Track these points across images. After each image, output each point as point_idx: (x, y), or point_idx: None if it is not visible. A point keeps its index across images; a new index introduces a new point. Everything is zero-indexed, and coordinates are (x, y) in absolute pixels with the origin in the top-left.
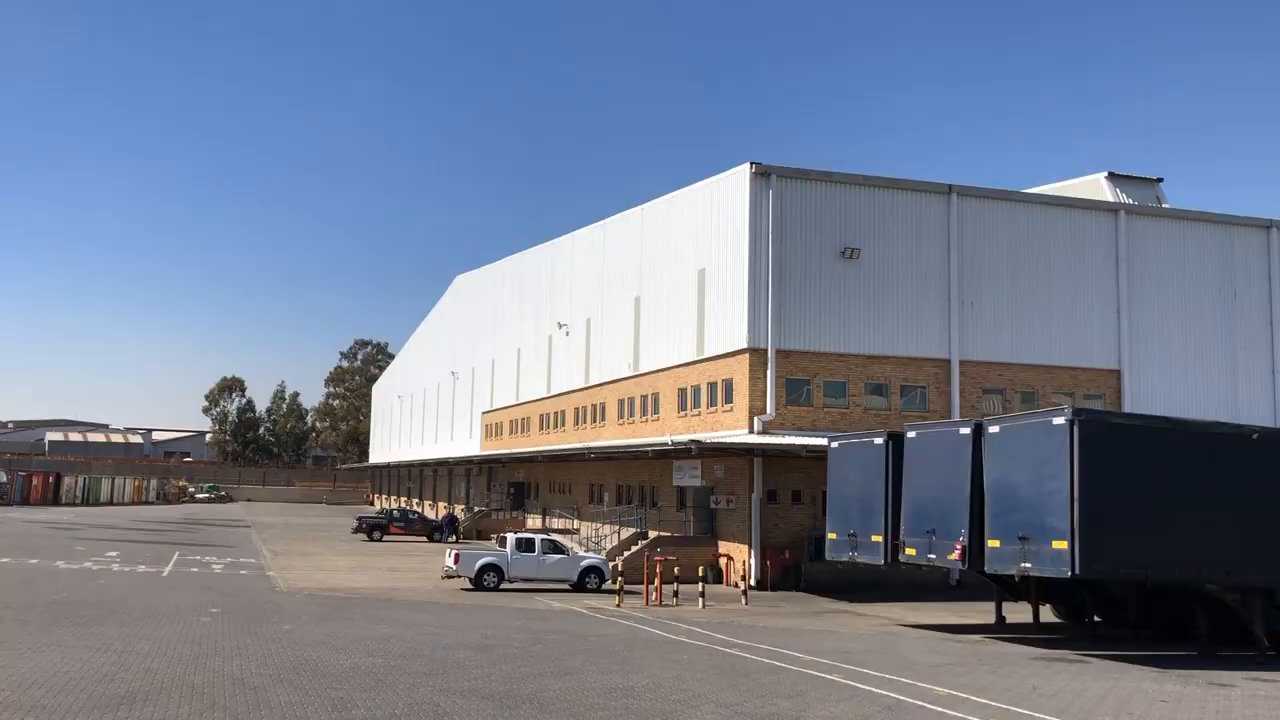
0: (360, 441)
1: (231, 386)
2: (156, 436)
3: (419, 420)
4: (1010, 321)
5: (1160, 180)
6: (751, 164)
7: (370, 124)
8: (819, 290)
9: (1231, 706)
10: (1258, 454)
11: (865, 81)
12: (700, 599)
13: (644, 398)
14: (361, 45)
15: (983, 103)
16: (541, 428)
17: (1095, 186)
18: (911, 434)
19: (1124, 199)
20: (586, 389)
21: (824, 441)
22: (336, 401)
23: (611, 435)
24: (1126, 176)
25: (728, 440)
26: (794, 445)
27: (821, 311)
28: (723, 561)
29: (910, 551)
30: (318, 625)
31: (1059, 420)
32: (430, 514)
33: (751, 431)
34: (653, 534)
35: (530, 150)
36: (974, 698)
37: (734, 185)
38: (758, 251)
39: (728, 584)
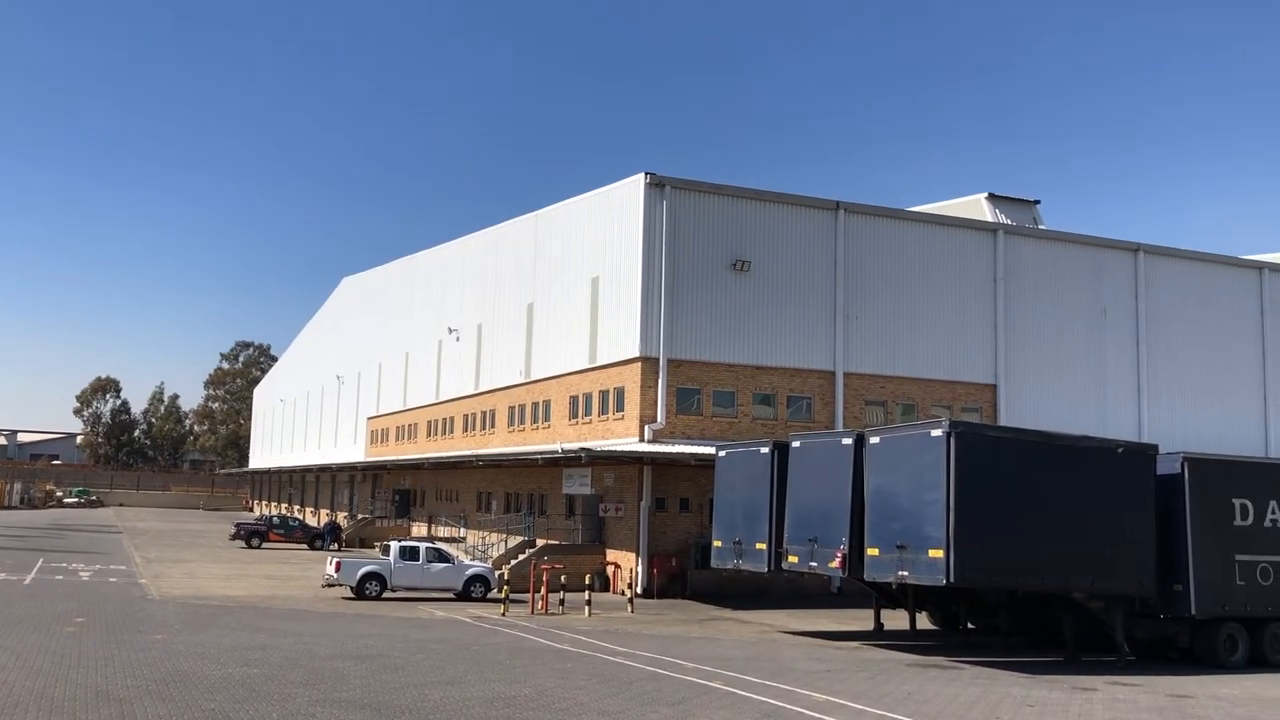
0: (240, 446)
1: (105, 387)
2: (22, 438)
3: (302, 425)
4: (893, 335)
5: (1037, 202)
6: (646, 174)
7: (255, 121)
8: (710, 301)
9: (1093, 710)
10: (1122, 467)
11: (760, 96)
12: (586, 607)
13: (535, 405)
14: (248, 40)
15: (871, 121)
16: (429, 434)
17: (976, 207)
18: (796, 444)
19: (1003, 219)
20: (476, 395)
21: (712, 450)
22: (216, 404)
23: (501, 442)
24: (1006, 198)
25: (618, 449)
26: (683, 454)
27: (713, 322)
28: (610, 569)
29: (793, 559)
30: (191, 634)
31: (936, 432)
32: (312, 521)
33: (642, 440)
34: (541, 542)
35: (421, 153)
36: (851, 704)
37: (628, 194)
38: (651, 261)
39: (615, 592)
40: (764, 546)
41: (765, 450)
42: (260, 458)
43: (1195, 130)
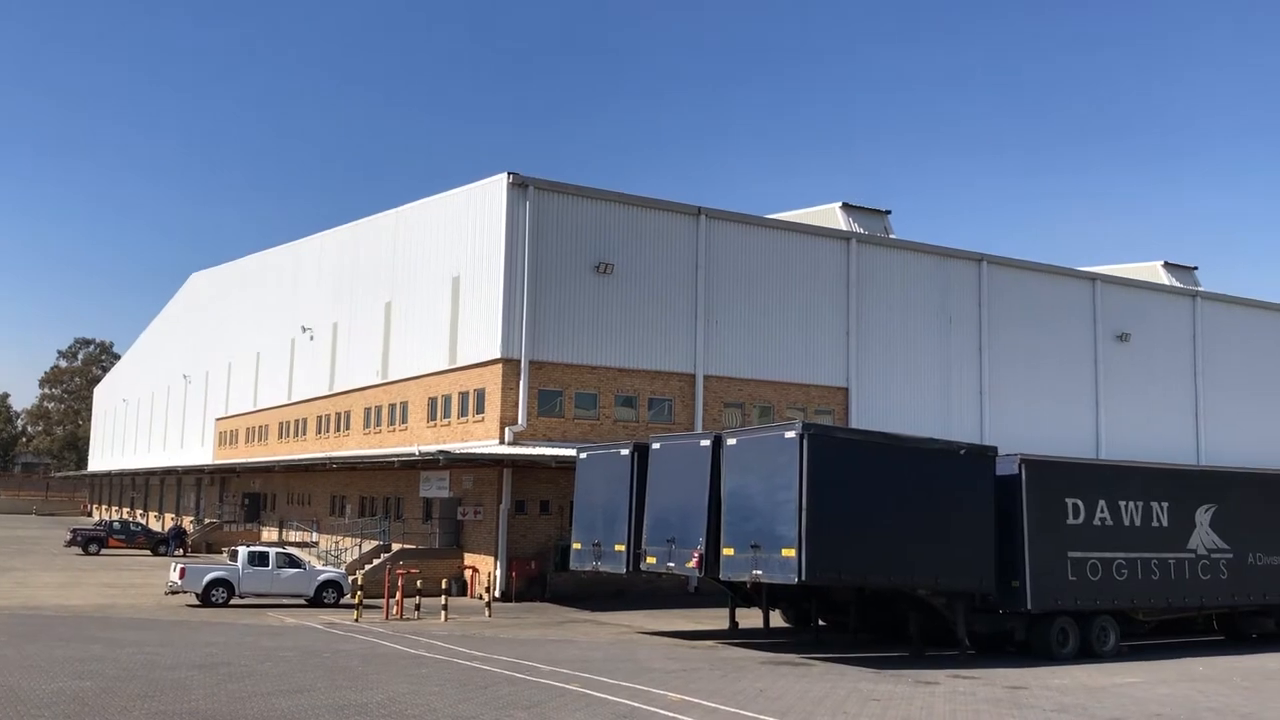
0: (79, 448)
1: None
2: None
3: (146, 426)
4: (751, 339)
5: (889, 212)
6: (509, 174)
7: (102, 109)
8: (573, 303)
9: (935, 703)
10: (964, 468)
11: (623, 101)
12: (443, 612)
13: (392, 406)
14: (98, 23)
15: (733, 129)
16: (281, 436)
17: (830, 215)
18: (656, 445)
19: (856, 228)
20: (331, 396)
21: (573, 452)
22: (52, 404)
23: (356, 445)
24: (859, 207)
25: (478, 451)
26: (544, 456)
27: (575, 324)
28: (468, 573)
29: (651, 560)
30: (19, 647)
31: (790, 434)
32: (156, 526)
33: (502, 442)
34: (397, 546)
35: (277, 146)
36: (704, 702)
37: (491, 194)
38: (513, 262)
39: (472, 596)
40: (623, 548)
41: (625, 452)
42: (101, 460)
43: (1037, 144)
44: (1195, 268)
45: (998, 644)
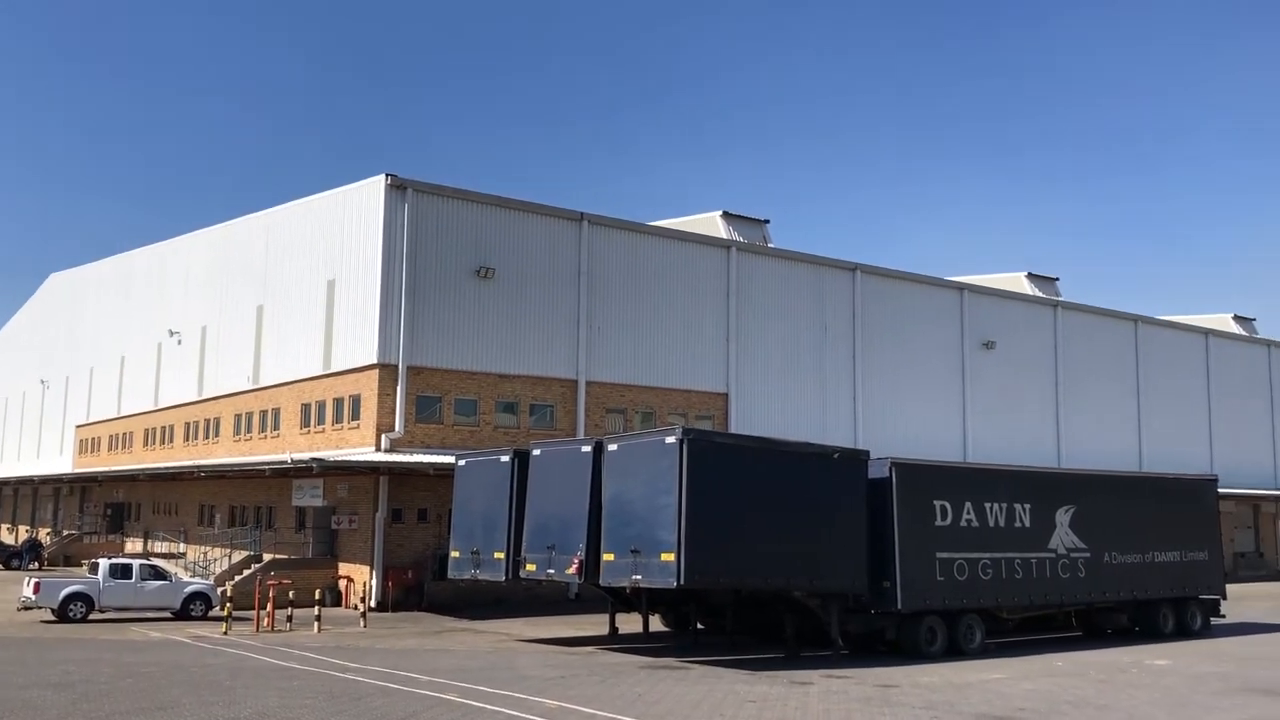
0: None
1: None
2: None
3: None
4: (634, 345)
5: (767, 221)
6: (387, 175)
7: None
8: (453, 307)
9: (809, 703)
10: (838, 472)
11: (507, 104)
12: (316, 623)
13: (264, 413)
14: None
15: (615, 135)
16: (146, 444)
17: (711, 224)
18: (536, 452)
19: (736, 237)
20: (200, 402)
21: (452, 459)
22: None
23: (226, 452)
24: (739, 216)
25: (353, 459)
26: (422, 463)
27: (455, 329)
28: (343, 583)
29: (531, 567)
30: None
31: (670, 439)
32: (9, 539)
33: (379, 449)
34: (268, 557)
35: (141, 143)
36: (583, 708)
37: (368, 196)
38: (391, 265)
39: (347, 606)
40: (502, 556)
41: (505, 459)
42: None
43: (909, 155)
44: (1056, 278)
45: (870, 643)
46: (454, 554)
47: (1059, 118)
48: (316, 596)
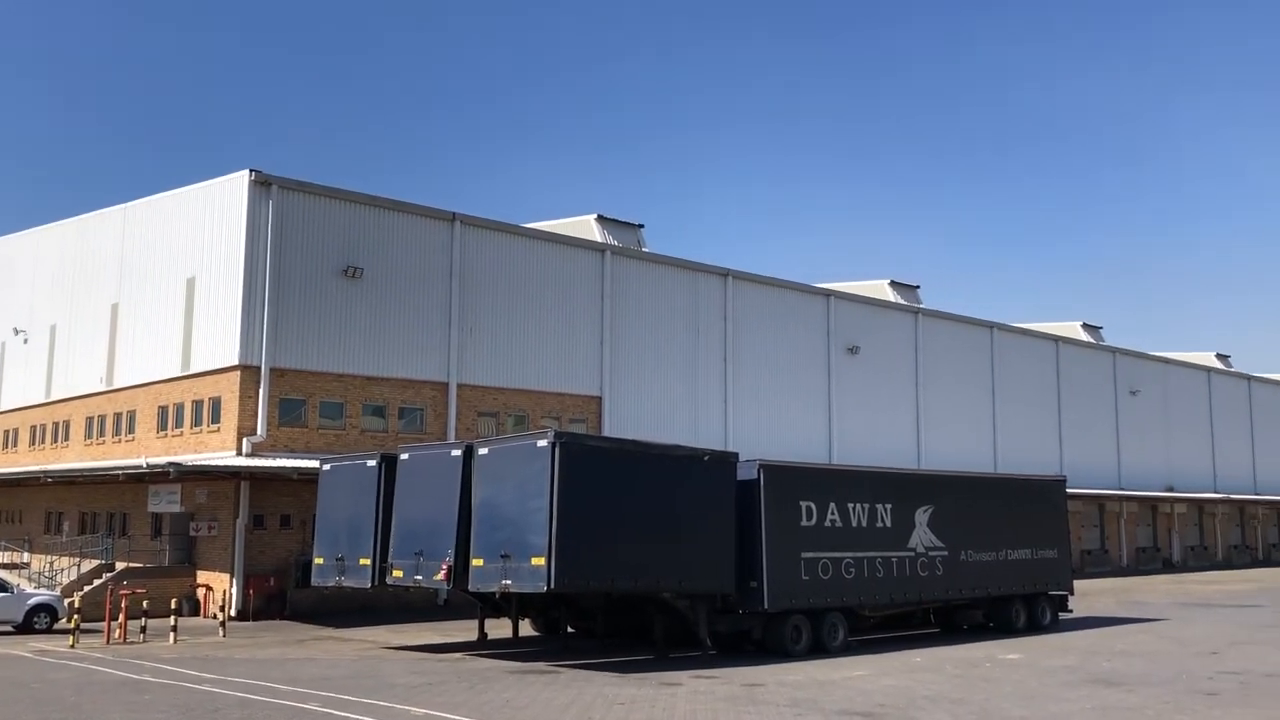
0: None
1: None
2: None
3: None
4: (507, 348)
5: (642, 226)
6: (251, 171)
7: None
8: (320, 308)
9: (676, 704)
10: (708, 473)
11: (379, 102)
12: (172, 634)
13: (118, 415)
14: None
15: (490, 137)
16: None
17: (586, 227)
18: (404, 456)
19: (611, 240)
20: (48, 404)
21: (317, 464)
22: None
23: (77, 456)
24: (613, 220)
25: (213, 463)
26: (285, 468)
27: (321, 330)
28: (201, 592)
29: (398, 573)
30: None
31: (542, 443)
32: None
33: (240, 453)
34: (121, 565)
35: None
36: (450, 715)
37: (231, 192)
38: (254, 264)
39: (206, 616)
40: (368, 562)
41: (372, 463)
42: None
43: (777, 165)
44: (918, 286)
45: (737, 643)
46: (318, 561)
47: (922, 125)
48: (173, 606)
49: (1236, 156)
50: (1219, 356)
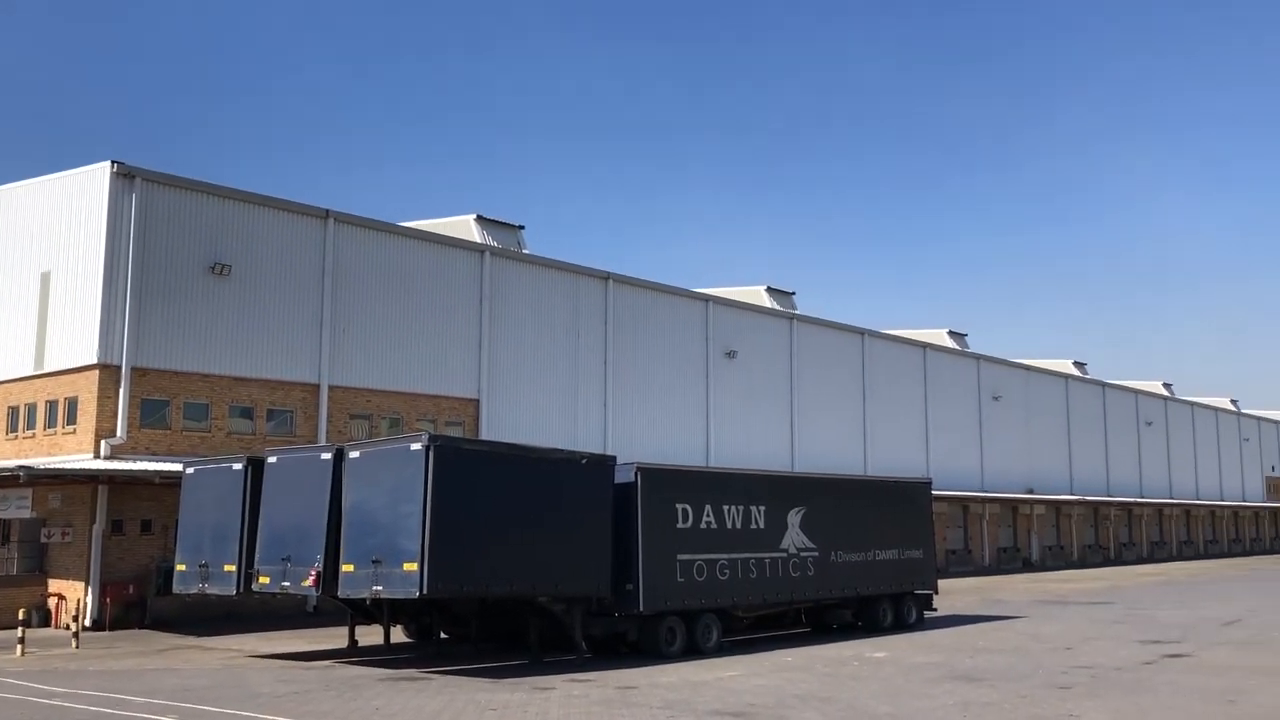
0: None
1: None
2: None
3: None
4: (381, 349)
5: (522, 227)
6: (113, 163)
7: None
8: (185, 306)
9: (549, 708)
10: (585, 477)
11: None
12: (20, 645)
13: None
14: None
15: (365, 133)
16: None
17: (465, 227)
18: (272, 459)
19: (490, 241)
20: None
21: (180, 467)
22: None
23: None
24: (493, 221)
25: (67, 466)
26: (146, 471)
27: (186, 328)
28: (53, 601)
29: (264, 580)
30: None
31: (416, 446)
32: None
33: (98, 456)
34: None
35: None
36: None
37: (91, 183)
38: (115, 259)
39: (58, 626)
40: (233, 568)
41: (238, 466)
42: None
43: (660, 165)
44: (793, 292)
45: (613, 645)
46: (180, 567)
47: (798, 134)
48: (21, 617)
49: (1097, 169)
50: (1076, 364)
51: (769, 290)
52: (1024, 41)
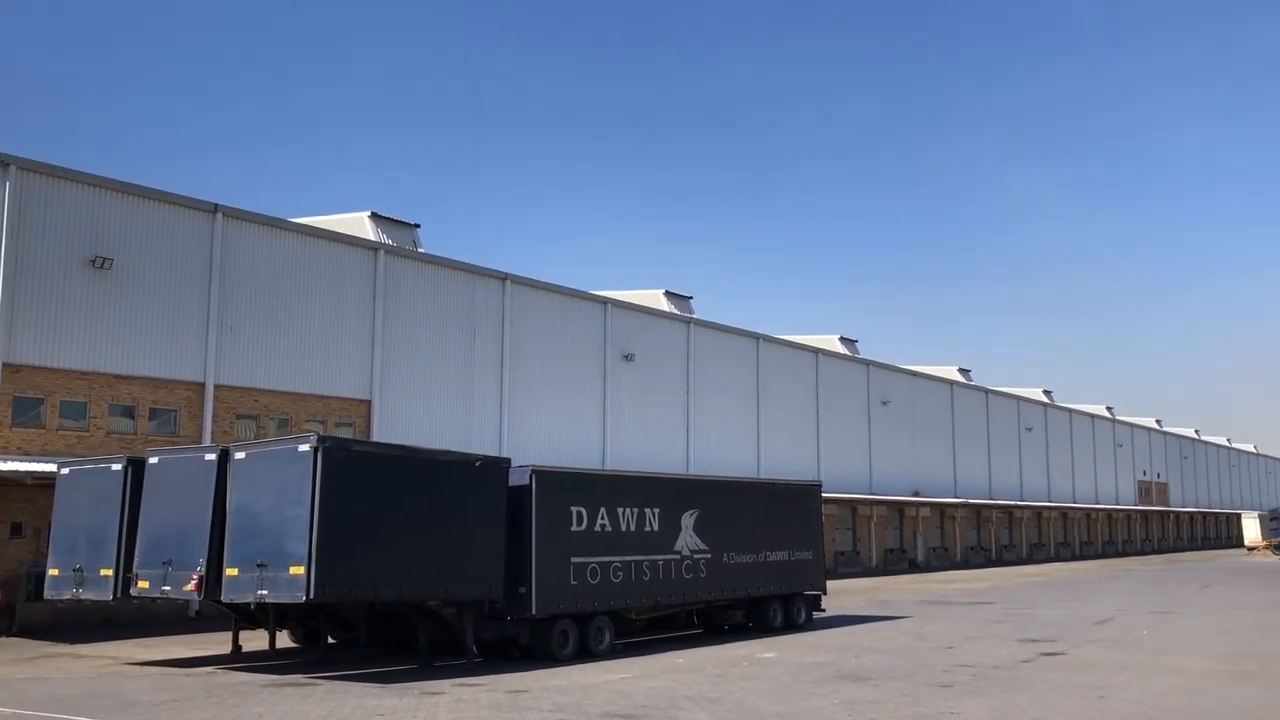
0: None
1: None
2: None
3: None
4: (270, 348)
5: (418, 226)
6: None
7: None
8: (63, 300)
9: (438, 713)
10: (479, 479)
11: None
12: None
13: None
14: None
15: (254, 126)
16: None
17: (359, 224)
18: (154, 459)
19: (385, 239)
20: None
21: (54, 467)
22: None
23: None
24: (388, 218)
25: None
26: (18, 471)
27: (64, 323)
28: None
29: (143, 585)
30: None
31: (304, 447)
32: None
33: None
34: None
35: None
36: None
37: None
38: None
39: None
40: (110, 572)
41: (117, 467)
42: None
43: (559, 166)
44: (690, 296)
45: (504, 649)
46: (52, 571)
47: (696, 140)
48: None
49: (985, 183)
50: (961, 371)
51: (667, 294)
52: (924, 51)
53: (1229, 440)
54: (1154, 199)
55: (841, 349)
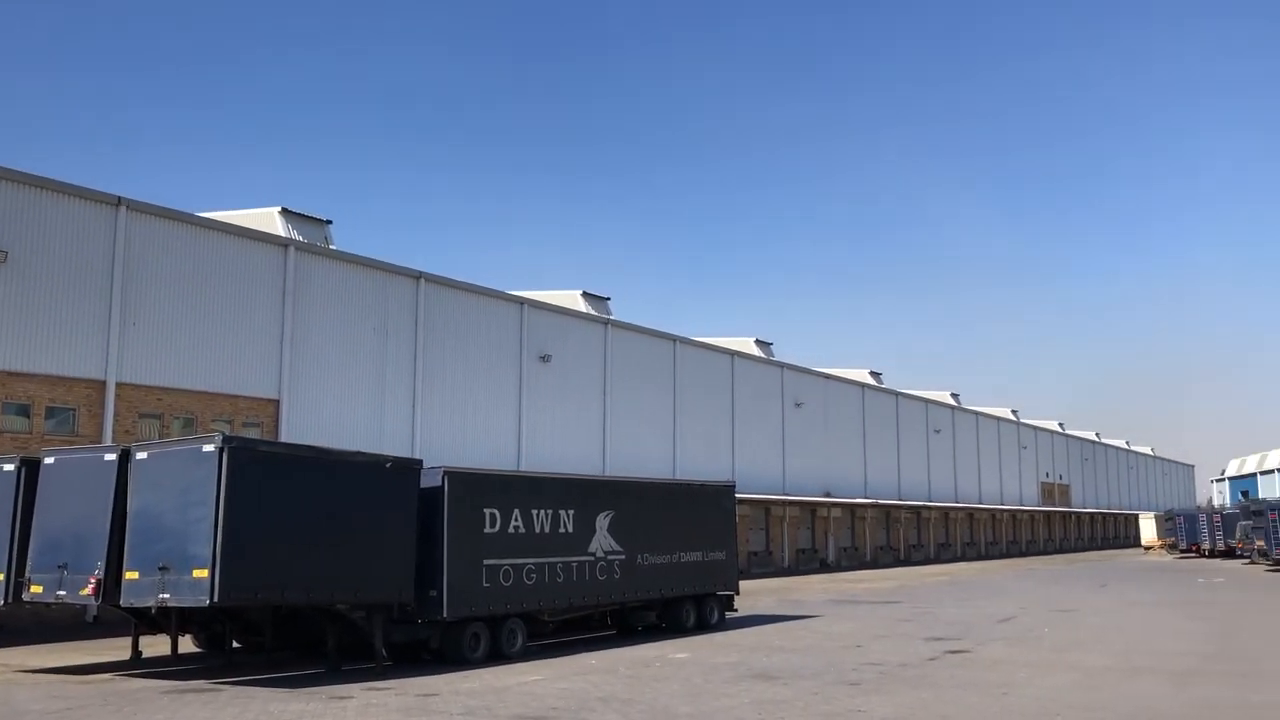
0: None
1: None
2: None
3: None
4: (175, 346)
5: (330, 222)
6: None
7: None
8: None
9: (347, 717)
10: (390, 481)
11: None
12: None
13: None
14: None
15: (159, 120)
16: None
17: (269, 220)
18: (50, 460)
19: (296, 236)
20: None
21: None
22: None
23: None
24: (299, 214)
25: None
26: None
27: None
28: None
29: (37, 589)
30: None
31: (209, 448)
32: None
33: None
34: None
35: None
36: None
37: None
38: None
39: None
40: (1, 577)
41: (10, 467)
42: None
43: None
44: (608, 298)
45: (414, 652)
46: None
47: (612, 140)
48: None
49: (902, 187)
50: (872, 374)
51: (585, 295)
52: (838, 52)
53: (1128, 443)
54: (1074, 205)
55: (757, 351)
